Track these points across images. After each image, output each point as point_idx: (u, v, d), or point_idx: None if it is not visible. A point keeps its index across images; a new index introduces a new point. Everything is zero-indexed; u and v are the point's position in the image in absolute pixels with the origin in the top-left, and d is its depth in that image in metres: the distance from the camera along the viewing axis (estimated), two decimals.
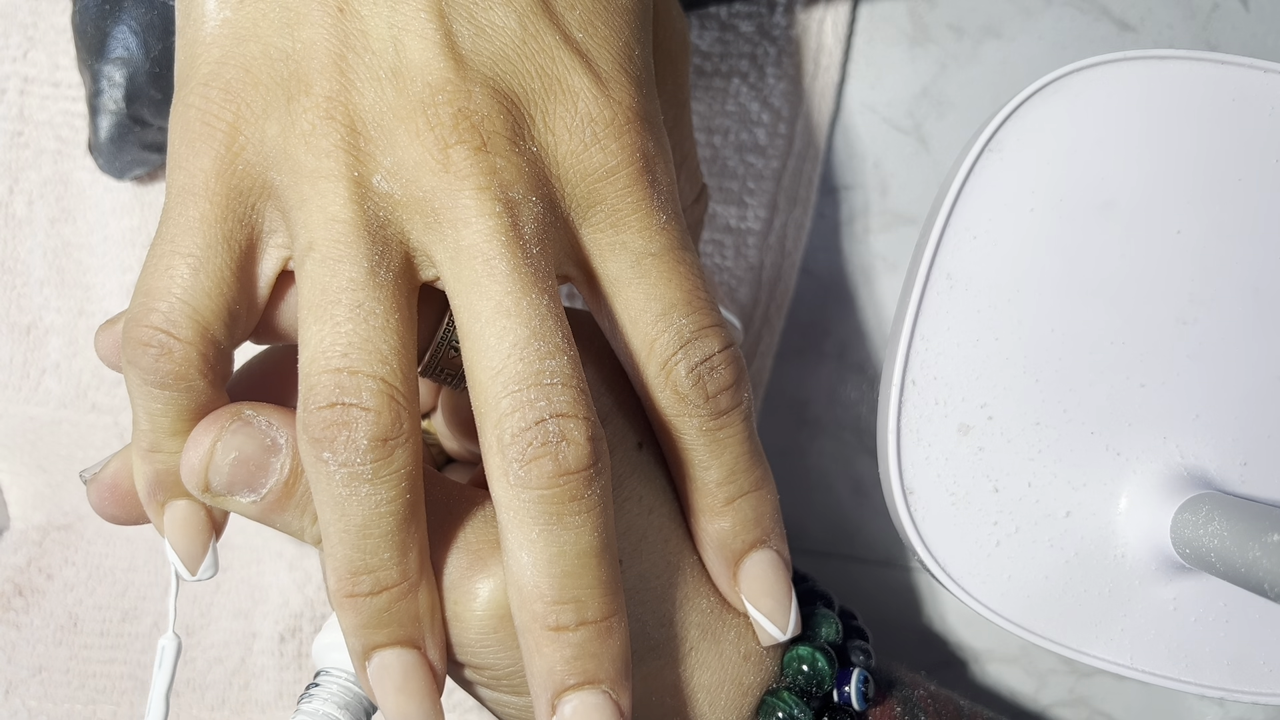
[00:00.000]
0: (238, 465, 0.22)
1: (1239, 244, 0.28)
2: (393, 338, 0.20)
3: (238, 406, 0.22)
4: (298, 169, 0.21)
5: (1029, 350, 0.28)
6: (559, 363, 0.20)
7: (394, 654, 0.22)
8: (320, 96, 0.21)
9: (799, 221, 0.37)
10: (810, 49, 0.36)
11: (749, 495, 0.24)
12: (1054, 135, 0.28)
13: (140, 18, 0.32)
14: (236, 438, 0.22)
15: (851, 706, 0.27)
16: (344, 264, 0.20)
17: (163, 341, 0.21)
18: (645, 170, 0.22)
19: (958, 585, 0.28)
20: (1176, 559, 0.27)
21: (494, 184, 0.21)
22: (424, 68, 0.21)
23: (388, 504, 0.21)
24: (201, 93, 0.21)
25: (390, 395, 0.20)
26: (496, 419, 0.20)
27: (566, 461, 0.20)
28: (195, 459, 0.22)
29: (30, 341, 0.38)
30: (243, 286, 0.22)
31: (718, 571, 0.25)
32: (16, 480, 0.39)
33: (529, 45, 0.21)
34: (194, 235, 0.21)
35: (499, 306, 0.20)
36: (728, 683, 0.26)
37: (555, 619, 0.21)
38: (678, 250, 0.23)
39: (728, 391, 0.23)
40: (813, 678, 0.26)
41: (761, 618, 0.25)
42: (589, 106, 0.22)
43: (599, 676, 0.21)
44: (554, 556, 0.21)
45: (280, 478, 0.22)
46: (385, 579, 0.21)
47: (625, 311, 0.23)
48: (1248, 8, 0.36)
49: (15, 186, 0.37)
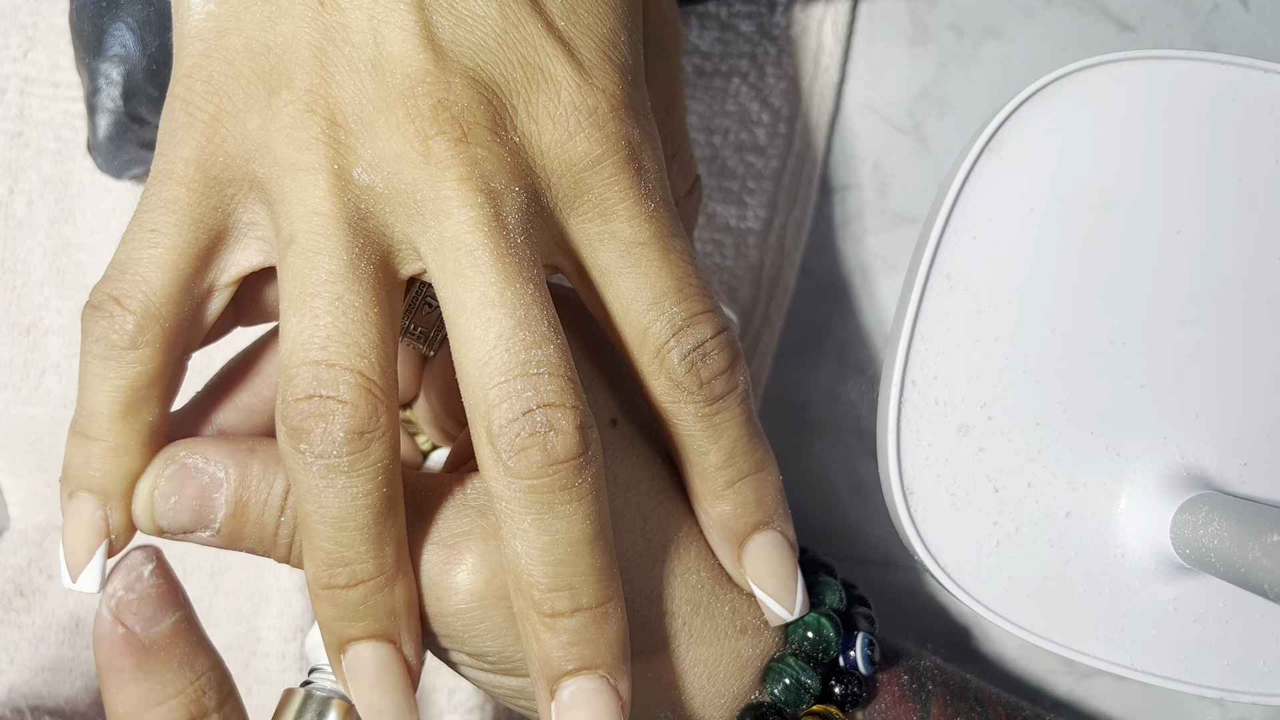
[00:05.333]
0: (180, 509, 0.22)
1: (1239, 244, 0.28)
2: (371, 331, 0.21)
3: (172, 449, 0.23)
4: (278, 162, 0.21)
5: (1029, 350, 0.28)
6: (545, 352, 0.21)
7: (368, 648, 0.22)
8: (301, 90, 0.21)
9: (799, 221, 0.37)
10: (810, 49, 0.36)
11: (749, 478, 0.24)
12: (1054, 135, 0.28)
13: (137, 14, 0.32)
14: (171, 483, 0.22)
15: (858, 670, 0.27)
16: (323, 256, 0.20)
17: (108, 306, 0.21)
18: (631, 158, 0.22)
19: (958, 585, 0.28)
20: (1176, 559, 0.27)
21: (475, 175, 0.21)
22: (403, 59, 0.21)
23: (363, 497, 0.21)
24: (185, 84, 0.22)
25: (367, 389, 0.20)
26: (485, 410, 0.20)
27: (555, 451, 0.20)
28: (138, 508, 0.22)
29: (30, 342, 0.38)
30: (204, 269, 0.22)
31: (723, 554, 0.25)
32: (16, 480, 0.39)
33: (510, 34, 0.21)
34: (162, 213, 0.21)
35: (483, 297, 0.20)
36: (725, 656, 0.26)
37: (550, 606, 0.21)
38: (667, 238, 0.23)
39: (722, 376, 0.23)
40: (818, 644, 0.26)
41: (768, 599, 0.25)
42: (572, 95, 0.22)
43: (596, 662, 0.22)
44: (547, 545, 0.21)
45: (228, 511, 0.22)
46: (361, 572, 0.21)
47: (617, 301, 0.23)
48: (1248, 8, 0.36)
49: (15, 187, 0.37)
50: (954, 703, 0.28)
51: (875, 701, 0.28)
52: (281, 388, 0.21)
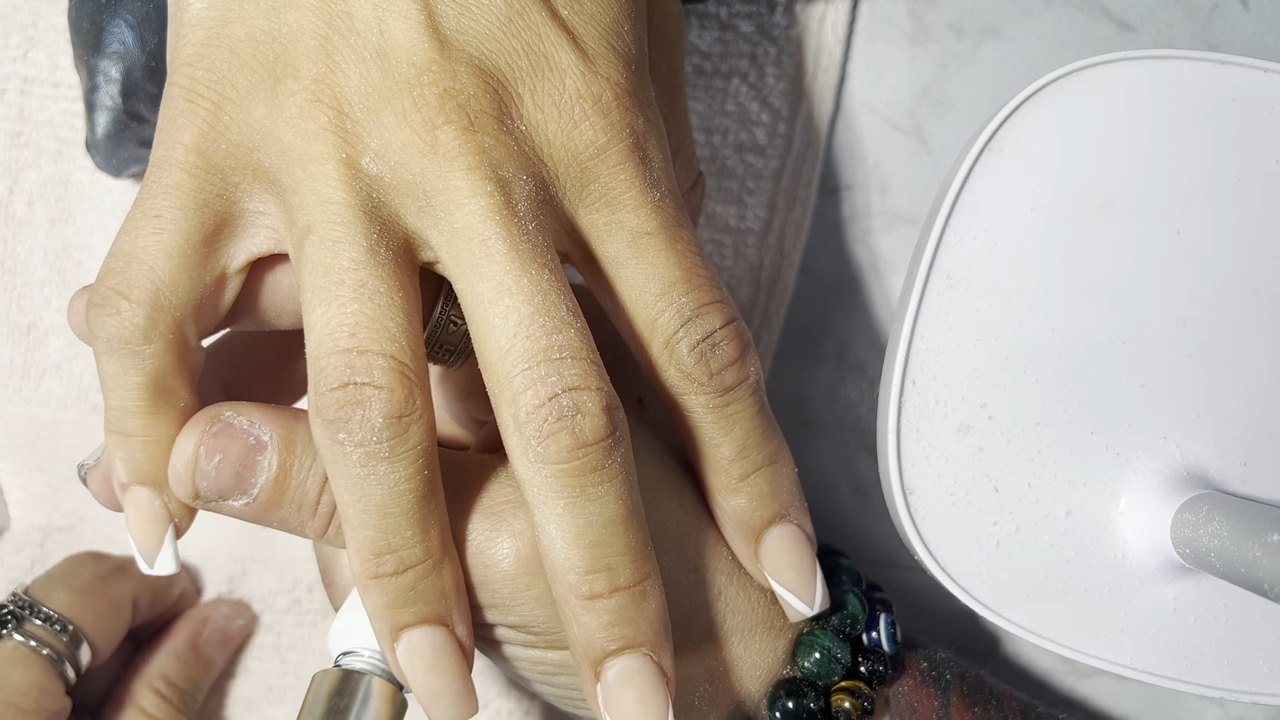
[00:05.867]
0: (223, 468, 0.22)
1: (1239, 244, 0.28)
2: (399, 315, 0.20)
3: (216, 408, 0.22)
4: (286, 152, 0.21)
5: (1029, 350, 0.28)
6: (566, 336, 0.20)
7: (422, 633, 0.22)
8: (307, 79, 0.21)
9: (798, 221, 0.37)
10: (810, 49, 0.36)
11: (763, 470, 0.24)
12: (1054, 135, 0.28)
13: (136, 11, 0.32)
14: (219, 440, 0.22)
15: (883, 649, 0.27)
16: (343, 245, 0.20)
17: (115, 302, 0.21)
18: (636, 147, 0.22)
19: (958, 585, 0.28)
20: (1176, 559, 0.27)
21: (483, 163, 0.20)
22: (409, 48, 0.21)
23: (406, 481, 0.21)
24: (187, 73, 0.21)
25: (401, 372, 0.20)
26: (510, 398, 0.20)
27: (584, 434, 0.20)
28: (180, 466, 0.22)
29: (30, 342, 0.38)
30: (211, 256, 0.22)
31: (739, 549, 0.25)
32: (16, 481, 0.38)
33: (514, 23, 0.21)
34: (164, 200, 0.21)
35: (500, 286, 0.20)
36: (759, 625, 0.26)
37: (589, 588, 0.21)
38: (674, 228, 0.23)
39: (732, 367, 0.23)
40: (846, 618, 0.26)
41: (786, 593, 0.25)
42: (576, 83, 0.21)
43: (638, 640, 0.22)
44: (582, 528, 0.21)
45: (270, 475, 0.22)
46: (409, 557, 0.21)
47: (626, 292, 0.23)
48: (1248, 8, 0.36)
49: (15, 187, 0.37)
50: (971, 694, 0.28)
51: (899, 682, 0.28)
52: (313, 379, 0.20)
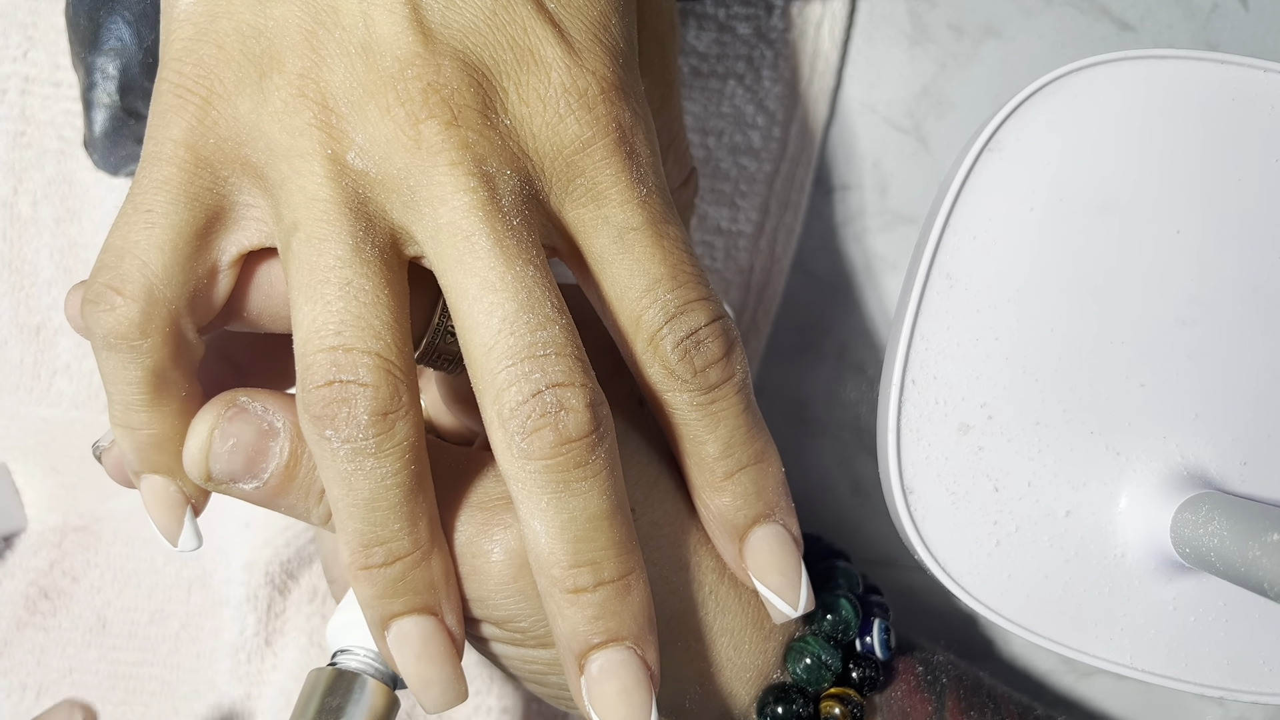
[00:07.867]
0: (236, 452, 0.22)
1: (1239, 244, 0.28)
2: (385, 313, 0.21)
3: (232, 393, 0.22)
4: (272, 147, 0.21)
5: (1029, 350, 0.28)
6: (551, 333, 0.21)
7: (411, 621, 0.22)
8: (292, 74, 0.21)
9: (789, 226, 0.37)
10: (807, 53, 0.36)
11: (749, 469, 0.24)
12: (1054, 135, 0.28)
13: (134, 8, 0.32)
14: (233, 424, 0.22)
15: (875, 655, 0.27)
16: (329, 242, 0.20)
17: (109, 298, 0.21)
18: (622, 141, 0.22)
19: (958, 585, 0.28)
20: (1176, 559, 0.27)
21: (467, 158, 0.20)
22: (393, 42, 0.20)
23: (393, 476, 0.21)
24: (175, 68, 0.21)
25: (387, 369, 0.20)
26: (495, 394, 0.21)
27: (567, 430, 0.20)
28: (194, 448, 0.22)
29: (40, 342, 0.38)
30: (203, 250, 0.22)
31: (724, 549, 0.25)
32: (30, 482, 0.39)
33: (500, 16, 0.21)
34: (155, 194, 0.21)
35: (484, 282, 0.20)
36: (750, 626, 0.26)
37: (573, 582, 0.21)
38: (660, 224, 0.23)
39: (718, 365, 0.23)
40: (838, 624, 0.26)
41: (770, 594, 0.25)
42: (562, 77, 0.21)
43: (622, 634, 0.22)
44: (565, 523, 0.21)
45: (280, 461, 0.22)
46: (397, 549, 0.21)
47: (611, 288, 0.23)
48: (1248, 8, 0.36)
49: (19, 187, 0.37)
50: (968, 698, 0.28)
51: (892, 688, 0.28)
52: (300, 376, 0.21)
